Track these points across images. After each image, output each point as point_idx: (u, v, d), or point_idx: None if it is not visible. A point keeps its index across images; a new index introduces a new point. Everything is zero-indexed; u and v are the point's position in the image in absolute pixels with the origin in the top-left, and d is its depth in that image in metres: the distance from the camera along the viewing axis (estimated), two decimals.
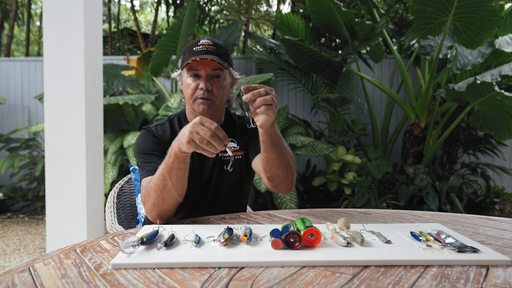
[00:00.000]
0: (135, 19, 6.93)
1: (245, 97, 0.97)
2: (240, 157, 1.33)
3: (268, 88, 1.00)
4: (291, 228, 0.86)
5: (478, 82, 3.15)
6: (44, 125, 3.16)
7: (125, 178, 1.67)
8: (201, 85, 1.20)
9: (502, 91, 3.10)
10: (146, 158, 1.21)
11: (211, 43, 1.23)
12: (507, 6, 4.00)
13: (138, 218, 1.56)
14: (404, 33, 5.48)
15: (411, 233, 0.89)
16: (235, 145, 1.33)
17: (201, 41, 1.23)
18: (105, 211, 1.70)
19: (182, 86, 1.28)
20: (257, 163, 1.25)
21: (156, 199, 1.07)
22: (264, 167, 1.15)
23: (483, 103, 3.40)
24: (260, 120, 1.01)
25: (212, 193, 1.30)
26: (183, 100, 1.35)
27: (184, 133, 0.96)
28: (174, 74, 1.31)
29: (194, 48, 1.22)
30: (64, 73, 2.39)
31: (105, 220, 1.71)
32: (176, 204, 1.11)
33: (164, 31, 4.33)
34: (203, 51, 1.20)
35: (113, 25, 8.12)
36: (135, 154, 1.27)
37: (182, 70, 1.26)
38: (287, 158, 1.14)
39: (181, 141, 0.97)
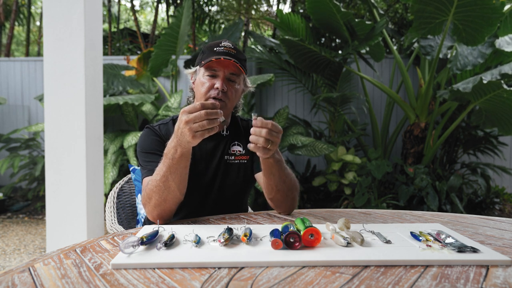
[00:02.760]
0: (135, 19, 6.93)
1: (254, 122, 1.01)
2: (245, 161, 1.33)
3: (278, 130, 1.02)
4: (291, 228, 0.86)
5: (485, 82, 3.14)
6: (44, 125, 3.16)
7: (125, 178, 1.67)
8: (217, 85, 1.19)
9: (511, 88, 3.09)
10: (149, 158, 1.21)
11: (233, 47, 1.23)
12: (507, 6, 4.00)
13: (138, 218, 1.56)
14: (404, 33, 5.48)
15: (411, 233, 0.89)
16: (240, 149, 1.33)
17: (223, 43, 1.23)
18: (105, 211, 1.70)
19: (195, 84, 1.28)
20: (260, 180, 1.29)
21: (158, 200, 1.07)
22: (264, 189, 1.21)
23: (487, 101, 3.39)
24: (258, 152, 1.04)
25: (215, 195, 1.30)
26: (190, 98, 1.34)
27: (183, 133, 0.96)
28: (189, 70, 1.31)
29: (216, 49, 1.21)
30: (64, 73, 2.39)
31: (105, 220, 1.71)
32: (178, 203, 1.11)
33: (164, 31, 4.33)
34: (225, 53, 1.20)
35: (113, 25, 8.12)
36: (137, 153, 1.26)
37: (200, 67, 1.25)
38: (286, 185, 1.17)
39: (186, 140, 0.97)
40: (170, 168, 1.03)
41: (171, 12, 7.40)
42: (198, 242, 0.83)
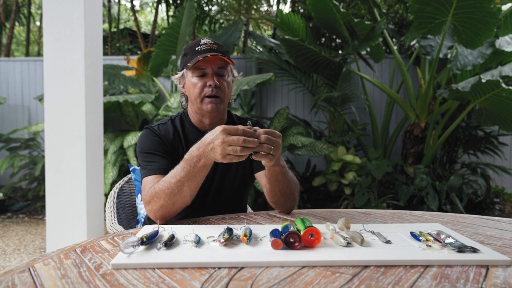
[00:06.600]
0: (135, 19, 6.92)
1: (259, 131, 0.98)
2: (244, 160, 1.33)
3: (277, 135, 1.01)
4: (291, 228, 0.86)
5: (483, 81, 3.15)
6: (44, 125, 3.16)
7: (125, 178, 1.67)
8: (210, 82, 1.20)
9: (510, 87, 3.09)
10: (148, 158, 1.21)
11: (213, 42, 1.24)
12: (507, 6, 4.00)
13: (138, 218, 1.56)
14: (404, 33, 5.48)
15: (411, 233, 0.89)
16: None
17: (202, 41, 1.24)
18: (105, 211, 1.70)
19: (185, 87, 1.28)
20: (261, 180, 1.29)
21: (167, 202, 1.07)
22: (267, 193, 1.21)
23: (486, 100, 3.40)
24: (263, 160, 1.03)
25: (214, 194, 1.30)
26: (183, 102, 1.34)
27: (214, 149, 0.96)
28: (175, 77, 1.31)
29: (197, 48, 1.22)
30: (64, 73, 2.39)
31: (105, 220, 1.71)
32: (184, 207, 1.11)
33: (164, 31, 4.33)
34: (207, 50, 1.21)
35: (113, 25, 8.12)
36: (137, 153, 1.27)
37: (186, 70, 1.25)
38: (289, 189, 1.19)
39: (214, 157, 0.97)
40: (189, 175, 1.03)
41: (171, 12, 7.40)
42: (198, 242, 0.83)
